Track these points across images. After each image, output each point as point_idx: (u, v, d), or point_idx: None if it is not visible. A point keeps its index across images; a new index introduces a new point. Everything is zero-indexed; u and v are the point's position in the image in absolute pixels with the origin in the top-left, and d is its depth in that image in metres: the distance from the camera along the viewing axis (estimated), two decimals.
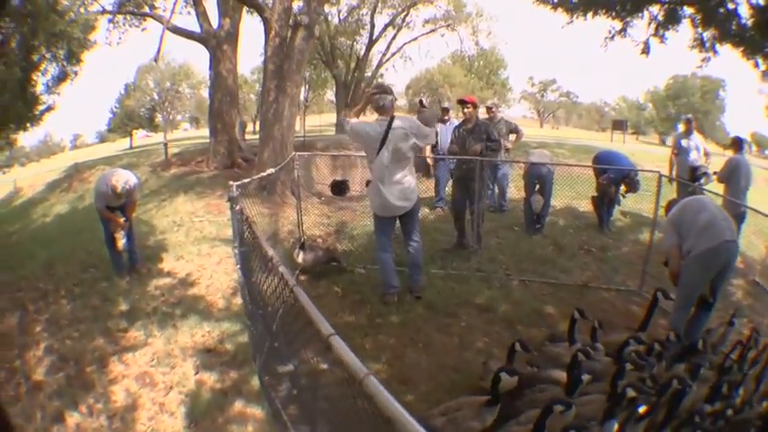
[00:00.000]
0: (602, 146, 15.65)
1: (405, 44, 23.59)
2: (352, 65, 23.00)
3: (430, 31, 22.95)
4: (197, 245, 6.06)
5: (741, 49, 4.84)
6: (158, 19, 12.09)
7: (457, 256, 5.63)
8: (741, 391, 2.42)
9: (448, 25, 22.39)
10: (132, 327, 4.18)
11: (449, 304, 4.50)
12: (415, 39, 23.35)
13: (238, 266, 3.14)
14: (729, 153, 6.65)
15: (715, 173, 6.44)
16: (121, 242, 5.27)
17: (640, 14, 5.13)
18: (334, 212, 7.66)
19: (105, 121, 43.19)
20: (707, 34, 4.98)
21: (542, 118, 52.36)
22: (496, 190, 7.53)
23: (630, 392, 1.93)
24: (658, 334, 3.44)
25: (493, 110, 7.54)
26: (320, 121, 25.20)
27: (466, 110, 5.63)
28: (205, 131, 18.25)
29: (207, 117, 14.49)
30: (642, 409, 1.90)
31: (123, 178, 5.09)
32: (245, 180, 3.93)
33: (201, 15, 11.01)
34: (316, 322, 1.40)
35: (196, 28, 11.32)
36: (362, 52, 22.97)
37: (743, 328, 3.79)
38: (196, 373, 3.57)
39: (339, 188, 9.31)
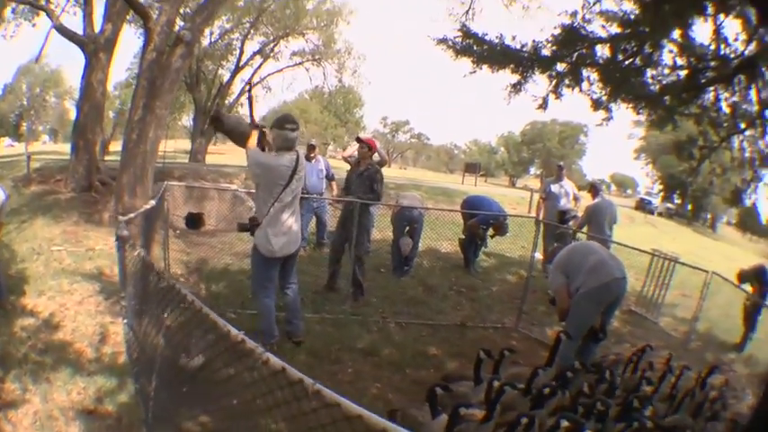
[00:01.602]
0: (456, 188, 17.30)
1: (269, 74, 24.02)
2: (215, 91, 22.69)
3: (296, 64, 23.67)
4: (57, 278, 5.38)
5: (637, 105, 5.70)
6: (50, 14, 11.20)
7: (328, 300, 5.61)
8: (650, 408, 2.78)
9: (315, 59, 23.20)
10: (8, 376, 3.63)
11: (331, 350, 4.41)
12: (281, 70, 23.96)
13: (125, 321, 2.64)
14: (586, 196, 7.75)
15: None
16: None
17: (550, 73, 5.75)
18: (192, 248, 7.22)
19: None
20: (605, 95, 5.77)
21: (390, 158, 55.98)
22: None
23: (565, 423, 2.06)
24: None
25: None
26: (175, 147, 23.35)
27: (361, 150, 5.72)
28: (64, 146, 16.24)
29: (68, 130, 13.14)
30: None
31: None
32: (131, 215, 3.57)
33: (88, 17, 10.22)
34: None
35: (81, 30, 10.47)
36: (227, 78, 22.96)
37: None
38: None
39: (194, 221, 8.79)
